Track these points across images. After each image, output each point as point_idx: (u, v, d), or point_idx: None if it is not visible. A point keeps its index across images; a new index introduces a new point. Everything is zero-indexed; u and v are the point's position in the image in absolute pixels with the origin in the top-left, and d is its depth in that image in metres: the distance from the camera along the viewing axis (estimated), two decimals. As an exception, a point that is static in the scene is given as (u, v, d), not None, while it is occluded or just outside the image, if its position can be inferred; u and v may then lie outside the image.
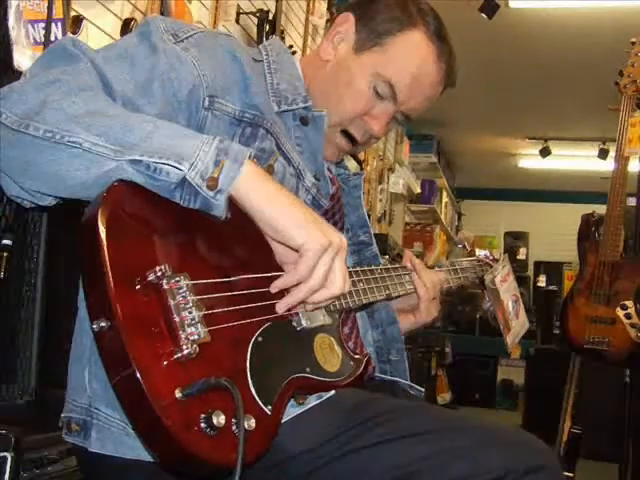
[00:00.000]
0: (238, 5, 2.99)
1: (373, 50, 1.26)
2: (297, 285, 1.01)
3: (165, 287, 0.90)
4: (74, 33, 1.87)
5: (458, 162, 8.80)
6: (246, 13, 3.06)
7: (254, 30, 3.10)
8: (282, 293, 1.04)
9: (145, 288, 0.89)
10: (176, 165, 0.92)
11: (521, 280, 7.93)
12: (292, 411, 1.01)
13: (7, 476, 1.09)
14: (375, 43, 1.26)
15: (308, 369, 1.05)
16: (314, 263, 0.98)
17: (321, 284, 1.00)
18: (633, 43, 2.96)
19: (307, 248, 0.97)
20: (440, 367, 6.58)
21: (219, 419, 0.86)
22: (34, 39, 1.66)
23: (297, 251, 0.99)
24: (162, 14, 2.27)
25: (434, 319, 1.49)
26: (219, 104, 1.12)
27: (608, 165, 5.54)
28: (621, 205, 2.88)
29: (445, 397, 6.66)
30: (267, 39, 2.90)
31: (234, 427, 0.88)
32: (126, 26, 2.19)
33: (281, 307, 1.03)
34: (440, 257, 6.73)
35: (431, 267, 1.54)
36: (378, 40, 1.26)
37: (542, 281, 8.38)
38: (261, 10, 3.05)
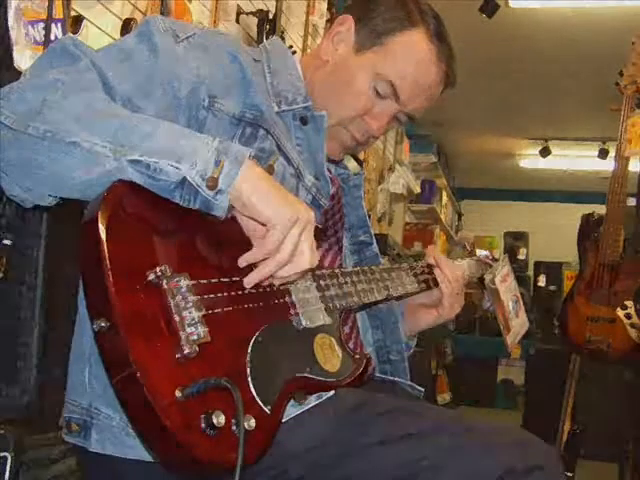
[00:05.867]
0: (238, 5, 2.99)
1: (373, 50, 1.26)
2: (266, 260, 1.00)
3: (165, 287, 0.90)
4: (74, 33, 1.87)
5: (458, 162, 8.79)
6: (246, 13, 3.06)
7: (254, 30, 3.10)
8: (285, 287, 1.03)
9: (145, 288, 0.89)
10: (176, 165, 0.92)
11: (521, 280, 7.91)
12: (292, 411, 1.01)
13: (7, 476, 1.09)
14: (375, 43, 1.26)
15: (308, 369, 1.05)
16: (282, 237, 0.97)
17: (289, 258, 0.99)
18: (633, 43, 2.96)
19: (275, 222, 0.96)
20: (440, 367, 6.58)
21: (219, 419, 0.86)
22: (34, 39, 1.66)
23: (265, 225, 0.98)
24: (162, 14, 2.27)
25: (457, 314, 1.48)
26: (219, 104, 1.12)
27: (608, 165, 5.53)
28: (621, 205, 2.88)
29: (445, 397, 6.66)
30: (267, 39, 2.91)
31: (234, 427, 0.88)
32: (126, 26, 2.19)
33: (248, 282, 1.01)
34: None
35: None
36: (378, 40, 1.26)
37: (542, 281, 8.37)
38: (261, 10, 3.05)
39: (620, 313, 2.79)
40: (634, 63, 2.94)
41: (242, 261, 1.01)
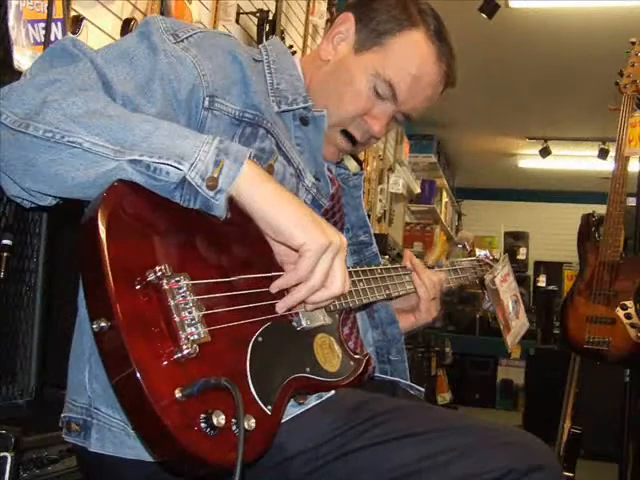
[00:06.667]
0: (238, 5, 2.99)
1: (373, 50, 1.26)
2: (297, 285, 1.01)
3: (165, 287, 0.90)
4: (74, 33, 1.87)
5: (458, 162, 8.80)
6: (246, 13, 3.06)
7: (254, 30, 3.10)
8: (282, 293, 1.04)
9: (145, 288, 0.89)
10: (176, 165, 0.92)
11: (521, 280, 7.94)
12: (292, 411, 1.01)
13: (7, 476, 1.09)
14: (375, 43, 1.26)
15: (308, 369, 1.05)
16: (314, 263, 0.98)
17: (321, 284, 1.00)
18: (633, 43, 2.96)
19: (307, 248, 0.97)
20: (440, 367, 6.58)
21: (219, 419, 0.86)
22: (34, 39, 1.66)
23: (297, 251, 0.99)
24: (162, 14, 2.27)
25: (434, 319, 1.49)
26: (219, 104, 1.12)
27: (608, 165, 5.54)
28: (621, 205, 2.88)
29: (445, 397, 6.66)
30: (267, 39, 2.91)
31: (234, 427, 0.88)
32: (126, 26, 2.20)
33: (281, 307, 1.03)
34: (440, 257, 6.73)
35: (431, 267, 1.54)
36: (378, 40, 1.26)
37: (542, 281, 8.38)
38: (261, 10, 3.05)
39: (620, 313, 2.79)
40: (633, 63, 2.94)
41: (274, 287, 1.03)
